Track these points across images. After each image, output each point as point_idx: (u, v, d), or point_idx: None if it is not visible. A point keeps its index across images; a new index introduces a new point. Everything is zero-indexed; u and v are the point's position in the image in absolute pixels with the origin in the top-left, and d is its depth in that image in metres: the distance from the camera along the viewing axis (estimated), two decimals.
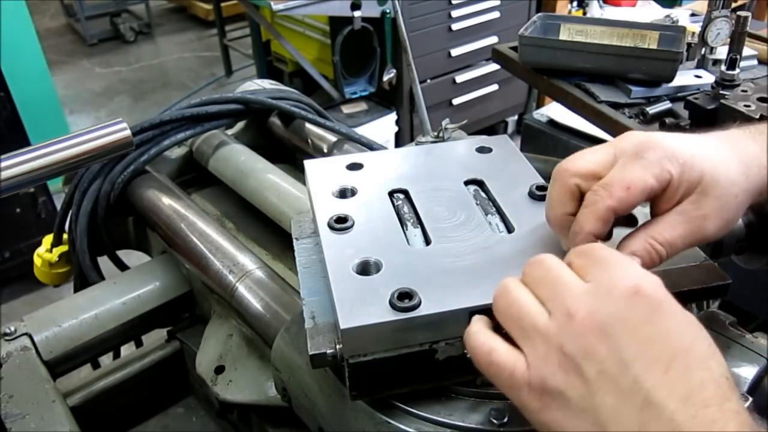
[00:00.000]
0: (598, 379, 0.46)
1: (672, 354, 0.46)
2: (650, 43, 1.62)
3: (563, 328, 0.49)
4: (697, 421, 0.43)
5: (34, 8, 4.03)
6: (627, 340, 0.46)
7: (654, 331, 0.46)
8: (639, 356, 0.46)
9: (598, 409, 0.46)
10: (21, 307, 3.00)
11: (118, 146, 0.90)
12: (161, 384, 1.20)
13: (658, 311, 0.47)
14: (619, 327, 0.47)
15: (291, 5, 2.94)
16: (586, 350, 0.47)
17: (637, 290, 0.48)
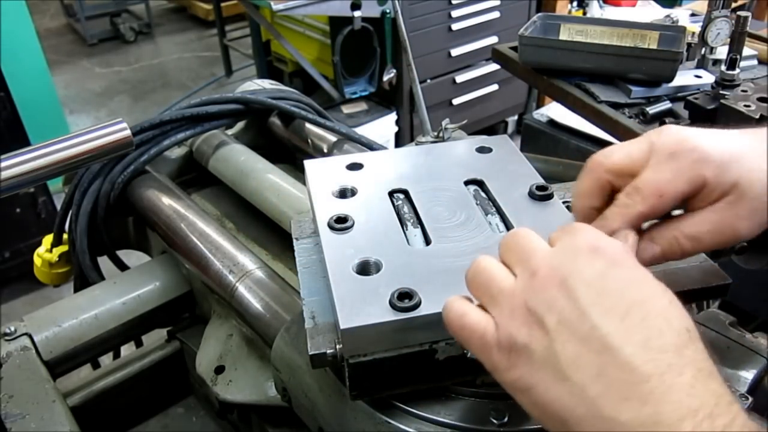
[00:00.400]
0: (558, 328, 0.48)
1: (629, 304, 0.47)
2: (650, 43, 1.62)
3: (527, 286, 0.51)
4: (653, 365, 0.44)
5: (34, 8, 4.03)
6: (585, 291, 0.48)
7: (611, 284, 0.49)
8: (596, 305, 0.47)
9: (559, 357, 0.47)
10: (21, 307, 3.00)
11: (118, 146, 0.90)
12: (161, 384, 1.20)
13: (615, 266, 0.50)
14: (578, 279, 0.49)
15: (291, 5, 2.94)
16: (548, 303, 0.49)
17: (596, 248, 0.51)
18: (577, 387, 0.46)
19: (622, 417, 0.44)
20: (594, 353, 0.46)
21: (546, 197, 0.73)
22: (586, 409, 0.46)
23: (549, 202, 0.73)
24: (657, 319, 0.47)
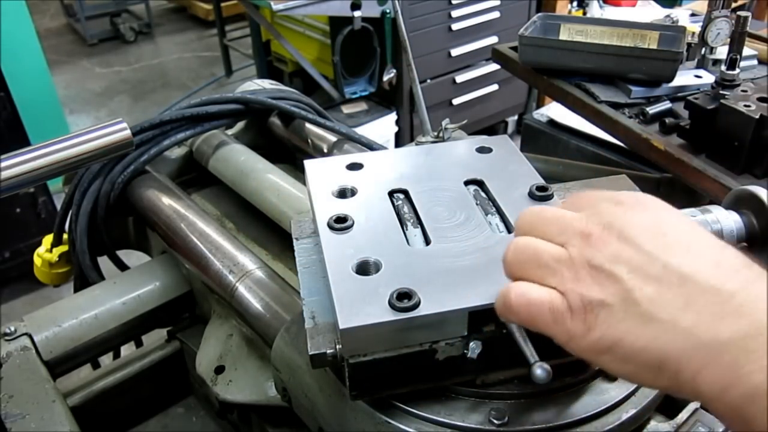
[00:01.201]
0: (631, 276, 0.49)
1: (687, 238, 0.50)
2: (650, 43, 1.62)
3: (584, 248, 0.51)
4: (734, 282, 0.46)
5: (34, 8, 4.03)
6: (645, 237, 0.50)
7: (664, 226, 0.51)
8: (660, 246, 0.49)
9: (640, 302, 0.48)
10: (21, 307, 3.00)
11: (118, 146, 0.90)
12: (161, 384, 1.20)
13: (661, 212, 0.52)
14: (634, 229, 0.50)
15: (291, 5, 2.94)
16: (613, 256, 0.50)
17: (637, 199, 0.53)
18: (667, 323, 0.47)
19: (722, 336, 0.44)
20: (675, 288, 0.47)
21: (546, 197, 0.73)
22: (683, 340, 0.46)
23: (549, 202, 0.73)
24: (715, 247, 0.49)
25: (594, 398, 0.66)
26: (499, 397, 0.66)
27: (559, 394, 0.66)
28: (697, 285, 0.46)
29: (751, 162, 1.29)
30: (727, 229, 0.82)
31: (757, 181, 1.27)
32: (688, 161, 1.35)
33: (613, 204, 0.53)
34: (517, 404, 0.65)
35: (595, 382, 0.68)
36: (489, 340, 0.62)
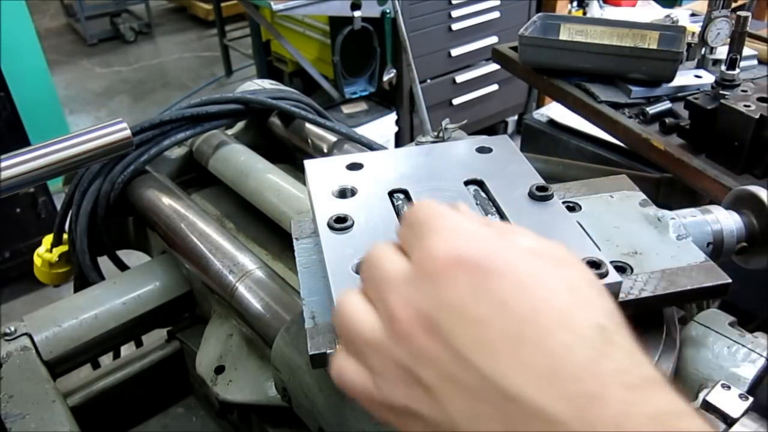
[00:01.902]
0: (440, 384, 0.38)
1: (517, 327, 0.36)
2: (650, 43, 1.62)
3: (391, 336, 0.40)
4: (569, 403, 0.34)
5: (34, 8, 4.03)
6: (458, 329, 0.37)
7: (487, 307, 0.37)
8: (476, 343, 0.37)
9: (454, 417, 0.38)
10: (21, 307, 3.00)
11: (118, 146, 0.90)
12: (161, 384, 1.20)
13: (487, 279, 0.38)
14: (444, 315, 0.38)
15: (291, 5, 2.94)
16: (417, 354, 0.39)
17: (457, 260, 0.38)
18: None
19: None
20: (493, 406, 0.36)
21: (546, 197, 0.73)
22: None
23: (549, 202, 0.73)
24: (559, 333, 0.36)
25: None
26: None
27: None
28: (520, 407, 0.35)
29: (751, 162, 1.29)
30: (727, 229, 0.82)
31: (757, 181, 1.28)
32: (688, 161, 1.35)
33: (426, 261, 0.39)
34: None
35: None
36: None
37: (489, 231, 0.41)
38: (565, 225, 0.69)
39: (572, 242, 0.66)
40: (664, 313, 0.76)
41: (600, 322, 0.37)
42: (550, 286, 0.38)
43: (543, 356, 0.36)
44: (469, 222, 0.42)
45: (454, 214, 0.43)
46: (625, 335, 0.38)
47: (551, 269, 0.39)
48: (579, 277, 0.39)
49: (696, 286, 0.69)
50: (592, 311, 0.38)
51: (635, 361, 0.36)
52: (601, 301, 0.39)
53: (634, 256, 0.74)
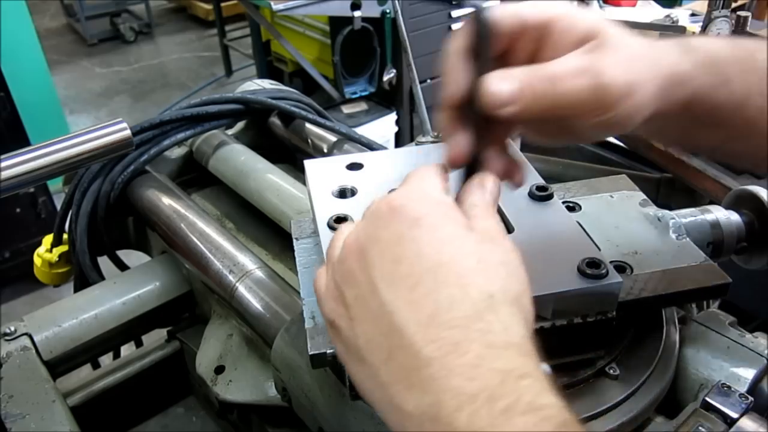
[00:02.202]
0: (355, 304, 0.44)
1: (422, 270, 0.42)
2: None
3: (336, 258, 0.48)
4: (436, 346, 0.39)
5: (34, 8, 4.03)
6: (379, 260, 0.43)
7: (407, 249, 0.43)
8: (387, 276, 0.43)
9: (358, 336, 0.43)
10: (21, 307, 3.00)
11: (118, 146, 0.90)
12: (161, 384, 1.20)
13: (414, 226, 0.44)
14: (373, 247, 0.44)
15: (291, 5, 2.94)
16: (346, 275, 0.45)
17: (393, 207, 0.45)
18: (372, 370, 0.42)
19: (407, 406, 0.40)
20: (383, 334, 0.42)
21: (546, 197, 0.73)
22: (381, 394, 0.42)
23: (549, 202, 0.73)
24: (451, 288, 0.41)
25: (594, 398, 0.66)
26: None
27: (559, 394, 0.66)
28: (402, 339, 0.40)
29: None
30: (727, 229, 0.82)
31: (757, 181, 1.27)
32: (688, 161, 1.35)
33: (375, 208, 0.47)
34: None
35: (595, 382, 0.68)
36: None
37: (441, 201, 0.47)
38: (565, 225, 0.69)
39: (572, 242, 0.66)
40: (664, 313, 0.76)
41: (492, 293, 0.42)
42: (463, 252, 0.43)
43: (430, 302, 0.41)
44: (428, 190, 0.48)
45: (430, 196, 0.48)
46: (512, 314, 0.42)
47: (473, 241, 0.44)
48: (495, 256, 0.45)
49: (696, 286, 0.69)
50: (490, 283, 0.42)
51: (506, 331, 0.40)
52: (506, 281, 0.43)
53: (634, 256, 0.74)
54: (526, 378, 0.38)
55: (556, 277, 0.61)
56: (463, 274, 0.42)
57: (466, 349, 0.39)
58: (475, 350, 0.39)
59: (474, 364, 0.38)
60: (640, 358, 0.70)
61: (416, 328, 0.40)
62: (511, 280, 0.44)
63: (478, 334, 0.39)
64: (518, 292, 0.44)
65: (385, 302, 0.42)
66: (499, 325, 0.40)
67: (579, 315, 0.63)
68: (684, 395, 0.75)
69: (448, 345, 0.39)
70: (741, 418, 0.65)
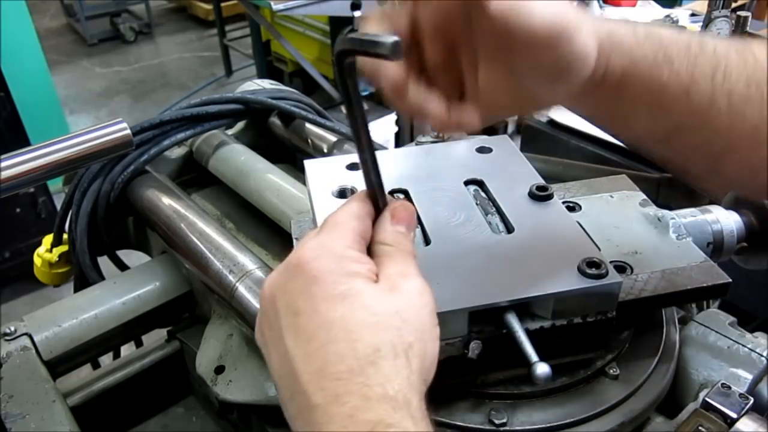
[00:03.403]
0: (269, 344, 0.50)
1: (317, 326, 0.47)
2: None
3: (261, 297, 0.54)
4: (322, 395, 0.44)
5: (34, 8, 4.03)
6: (284, 311, 0.49)
7: (305, 303, 0.48)
8: (290, 327, 0.48)
9: (273, 371, 0.50)
10: (21, 307, 3.00)
11: (118, 146, 0.90)
12: (161, 384, 1.20)
13: (312, 284, 0.49)
14: (282, 298, 0.50)
15: (291, 5, 2.94)
16: (264, 316, 0.52)
17: (299, 264, 0.50)
18: (282, 402, 0.49)
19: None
20: (287, 376, 0.47)
21: (546, 197, 0.73)
22: (290, 424, 0.48)
23: (549, 202, 0.73)
24: (340, 344, 0.46)
25: (594, 398, 0.66)
26: (499, 397, 0.66)
27: (559, 394, 0.66)
28: (299, 385, 0.46)
29: None
30: (727, 229, 0.82)
31: None
32: None
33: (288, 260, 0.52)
34: (517, 404, 0.65)
35: (595, 382, 0.68)
36: (489, 340, 0.62)
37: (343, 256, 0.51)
38: (565, 225, 0.69)
39: (572, 242, 0.66)
40: (664, 313, 0.76)
41: (378, 347, 0.46)
42: (356, 307, 0.47)
43: (321, 355, 0.46)
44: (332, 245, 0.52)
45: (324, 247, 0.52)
46: (396, 366, 0.46)
47: (370, 294, 0.48)
48: (392, 306, 0.48)
49: (696, 286, 0.69)
50: (378, 338, 0.46)
51: (384, 384, 0.44)
52: (397, 332, 0.47)
53: (634, 256, 0.74)
54: (392, 428, 0.43)
55: (556, 277, 0.61)
56: (351, 330, 0.46)
57: (346, 400, 0.44)
58: (352, 402, 0.44)
59: (349, 414, 0.43)
60: (640, 358, 0.70)
61: (308, 377, 0.46)
62: (404, 331, 0.47)
63: (357, 387, 0.44)
64: (410, 342, 0.47)
65: (288, 349, 0.47)
66: (378, 379, 0.45)
67: (579, 315, 0.63)
68: (684, 395, 0.75)
69: (331, 395, 0.44)
70: (741, 418, 0.66)
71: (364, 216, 0.55)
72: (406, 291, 0.50)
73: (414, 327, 0.48)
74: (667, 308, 0.76)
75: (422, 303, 0.50)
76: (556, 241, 0.66)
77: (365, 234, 0.54)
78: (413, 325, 0.48)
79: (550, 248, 0.66)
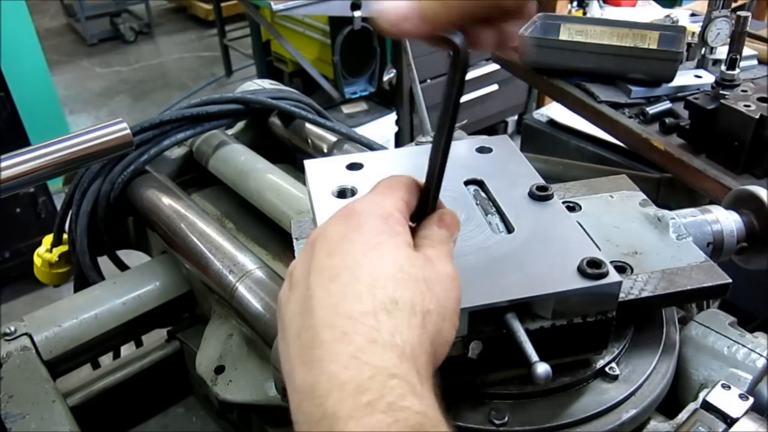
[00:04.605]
0: (294, 286, 0.50)
1: (345, 267, 0.47)
2: (650, 43, 1.62)
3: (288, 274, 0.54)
4: (331, 331, 0.44)
5: (34, 8, 4.03)
6: (318, 253, 0.50)
7: (340, 246, 0.49)
8: (320, 266, 0.49)
9: (286, 314, 0.50)
10: (21, 307, 3.00)
11: (118, 146, 0.90)
12: (161, 384, 1.20)
13: (354, 230, 0.50)
14: (320, 241, 0.51)
15: (291, 5, 2.94)
16: (299, 261, 0.52)
17: (348, 213, 0.52)
18: (285, 344, 0.48)
19: (296, 381, 0.44)
20: (300, 313, 0.47)
21: (546, 197, 0.73)
22: (287, 367, 0.47)
23: (549, 202, 0.73)
24: (361, 286, 0.46)
25: (594, 398, 0.66)
26: (499, 397, 0.66)
27: (559, 394, 0.66)
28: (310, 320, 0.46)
29: (751, 162, 1.29)
30: (727, 229, 0.82)
31: (757, 181, 1.28)
32: (688, 161, 1.35)
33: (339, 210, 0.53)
34: (517, 404, 0.65)
35: (595, 382, 0.68)
36: (489, 340, 0.62)
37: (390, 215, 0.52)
38: (565, 225, 0.69)
39: (572, 242, 0.66)
40: (664, 313, 0.76)
41: (397, 300, 0.46)
42: (387, 260, 0.48)
43: (340, 294, 0.46)
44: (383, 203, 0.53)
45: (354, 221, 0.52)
46: (410, 323, 0.45)
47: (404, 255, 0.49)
48: (421, 272, 0.48)
49: (696, 286, 0.69)
50: (400, 292, 0.46)
51: (394, 333, 0.44)
52: (420, 295, 0.47)
53: (634, 256, 0.74)
54: (395, 378, 0.41)
55: (556, 277, 0.61)
56: (377, 277, 0.47)
57: (351, 340, 0.43)
58: (357, 342, 0.43)
59: (353, 355, 0.42)
60: (640, 358, 0.70)
61: (322, 312, 0.45)
62: (427, 296, 0.47)
63: (366, 329, 0.43)
64: (429, 309, 0.47)
65: (310, 286, 0.47)
66: (389, 326, 0.44)
67: (579, 315, 0.63)
68: (684, 395, 0.75)
69: (339, 333, 0.43)
70: (741, 418, 0.66)
71: (414, 192, 0.56)
72: (440, 270, 0.50)
73: (437, 300, 0.48)
74: (667, 308, 0.76)
75: (452, 287, 0.50)
76: (556, 241, 0.66)
77: (411, 207, 0.56)
78: (437, 297, 0.48)
79: (550, 248, 0.65)
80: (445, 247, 0.54)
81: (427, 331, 0.46)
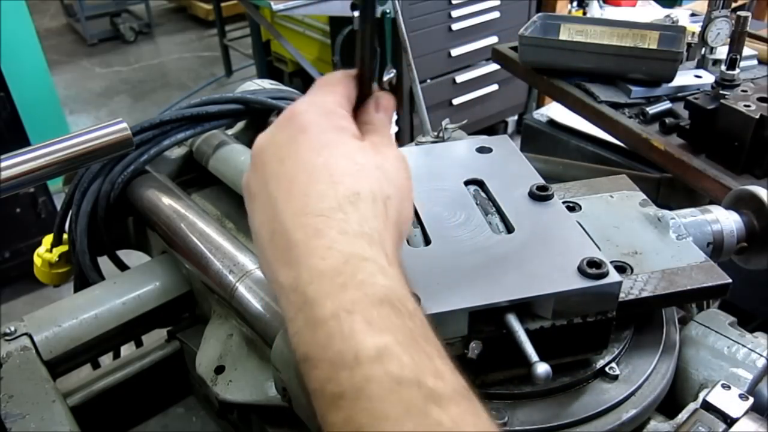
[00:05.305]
0: (255, 194, 0.52)
1: (301, 169, 0.49)
2: (650, 43, 1.63)
3: (251, 154, 0.56)
4: (303, 231, 0.47)
5: (34, 8, 4.03)
6: (269, 160, 0.52)
7: (291, 150, 0.51)
8: (274, 173, 0.51)
9: (254, 221, 0.52)
10: (21, 307, 3.00)
11: (118, 146, 0.90)
12: (161, 384, 1.20)
13: (300, 132, 0.51)
14: (269, 148, 0.53)
15: (291, 5, 2.94)
16: (252, 170, 0.54)
17: (290, 116, 0.53)
18: (260, 250, 0.51)
19: (281, 279, 0.47)
20: (269, 220, 0.49)
21: (546, 197, 0.73)
22: (267, 270, 0.50)
23: (549, 202, 0.73)
24: (321, 185, 0.48)
25: (594, 398, 0.66)
26: (499, 397, 0.65)
27: (559, 394, 0.66)
28: (281, 224, 0.48)
29: (751, 162, 1.29)
30: (727, 229, 0.82)
31: (757, 181, 1.28)
32: (688, 161, 1.35)
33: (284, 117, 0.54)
34: (517, 404, 0.65)
35: (595, 382, 0.68)
36: (489, 340, 0.62)
37: (332, 111, 0.54)
38: (565, 225, 0.69)
39: (572, 242, 0.66)
40: (664, 313, 0.76)
41: (358, 191, 0.49)
42: (340, 155, 0.50)
43: (302, 196, 0.48)
44: (323, 101, 0.55)
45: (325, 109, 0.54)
46: (374, 211, 0.49)
47: (355, 147, 0.52)
48: (374, 161, 0.51)
49: (696, 286, 0.69)
50: (359, 184, 0.49)
51: (361, 223, 0.47)
52: (377, 183, 0.50)
53: (634, 256, 0.74)
54: (366, 261, 0.45)
55: (556, 277, 0.61)
56: (333, 174, 0.49)
57: (324, 234, 0.46)
58: (331, 235, 0.46)
59: (327, 246, 0.45)
60: (640, 359, 0.70)
61: (289, 215, 0.48)
62: (384, 183, 0.51)
63: (336, 223, 0.47)
64: (388, 194, 0.50)
65: (271, 193, 0.50)
66: (356, 217, 0.47)
67: (579, 315, 0.63)
68: (684, 395, 0.75)
69: (312, 230, 0.46)
70: (741, 418, 0.65)
71: (351, 84, 0.59)
72: (388, 154, 0.53)
73: (393, 183, 0.51)
74: (667, 308, 0.76)
75: (402, 167, 0.54)
76: (556, 241, 0.66)
77: (351, 99, 0.58)
78: (393, 181, 0.51)
79: (550, 248, 0.66)
80: (386, 129, 0.58)
81: (389, 216, 0.49)
